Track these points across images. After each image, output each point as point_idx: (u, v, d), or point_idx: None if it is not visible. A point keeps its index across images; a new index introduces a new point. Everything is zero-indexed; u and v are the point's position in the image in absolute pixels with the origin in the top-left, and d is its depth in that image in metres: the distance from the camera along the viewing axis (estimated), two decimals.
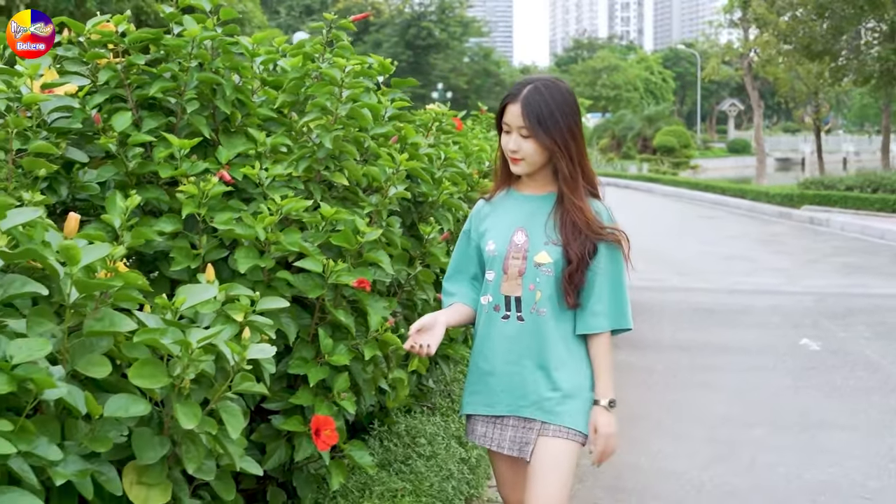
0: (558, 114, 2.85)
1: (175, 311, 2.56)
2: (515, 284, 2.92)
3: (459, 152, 4.64)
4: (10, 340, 2.14)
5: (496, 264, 2.96)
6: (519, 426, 2.95)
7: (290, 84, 3.68)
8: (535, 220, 2.96)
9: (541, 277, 2.90)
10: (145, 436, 2.44)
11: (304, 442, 3.14)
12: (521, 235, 2.95)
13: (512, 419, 2.96)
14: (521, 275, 2.92)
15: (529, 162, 2.90)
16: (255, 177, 3.30)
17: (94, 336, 2.41)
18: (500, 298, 2.96)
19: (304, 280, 3.20)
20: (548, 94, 2.86)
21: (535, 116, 2.83)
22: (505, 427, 2.98)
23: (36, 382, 2.09)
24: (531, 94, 2.85)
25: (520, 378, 2.93)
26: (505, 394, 2.96)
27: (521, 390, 2.93)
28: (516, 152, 2.89)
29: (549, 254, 2.90)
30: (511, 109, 2.88)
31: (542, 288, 2.90)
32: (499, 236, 2.98)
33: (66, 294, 2.34)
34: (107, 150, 3.30)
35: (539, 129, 2.83)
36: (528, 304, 2.92)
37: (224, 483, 2.71)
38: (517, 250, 2.94)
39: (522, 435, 2.94)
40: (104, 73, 3.46)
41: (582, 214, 2.88)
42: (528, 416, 2.92)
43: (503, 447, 2.98)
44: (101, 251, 2.42)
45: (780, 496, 5.01)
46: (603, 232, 2.90)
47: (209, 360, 2.46)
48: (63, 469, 2.19)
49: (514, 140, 2.88)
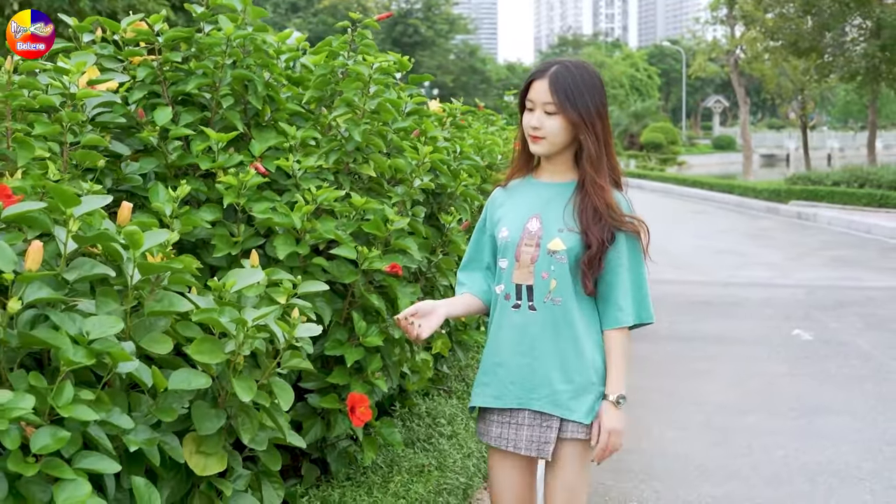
0: (586, 92, 2.76)
1: (226, 293, 2.73)
2: (527, 272, 2.82)
3: (473, 146, 4.82)
4: (84, 318, 2.31)
5: (509, 252, 2.86)
6: (535, 424, 2.82)
7: (318, 80, 3.85)
8: (552, 206, 2.85)
9: (555, 265, 2.78)
10: (203, 408, 2.61)
11: (339, 419, 3.31)
12: (536, 222, 2.84)
13: (526, 415, 2.83)
14: (533, 262, 2.81)
15: (551, 141, 2.79)
16: (289, 168, 3.47)
17: (153, 316, 2.58)
18: (511, 287, 2.85)
19: (337, 266, 3.37)
20: (576, 72, 2.77)
21: (562, 91, 2.73)
22: (520, 426, 2.84)
23: (112, 356, 2.26)
24: (560, 70, 2.77)
25: (530, 369, 2.82)
26: (514, 385, 2.84)
27: (532, 382, 2.82)
28: (538, 129, 2.78)
29: (563, 241, 2.78)
30: (537, 85, 2.79)
31: (557, 276, 2.79)
32: (512, 223, 2.88)
33: (128, 276, 2.51)
34: (147, 143, 3.45)
35: (567, 104, 2.73)
36: (541, 293, 2.80)
37: (271, 455, 2.88)
38: (530, 237, 2.83)
39: (540, 434, 2.82)
40: (142, 70, 3.61)
41: (603, 196, 2.78)
42: (541, 410, 2.81)
43: (520, 447, 2.84)
44: (160, 237, 2.59)
45: (780, 477, 5.20)
46: (623, 220, 2.79)
47: (263, 337, 2.63)
48: (134, 437, 2.36)
49: (536, 117, 2.78)
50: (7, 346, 2.18)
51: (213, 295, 2.73)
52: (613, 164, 2.88)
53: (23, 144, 2.74)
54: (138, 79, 3.61)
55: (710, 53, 38.62)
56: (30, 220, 2.34)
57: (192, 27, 3.85)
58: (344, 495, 3.37)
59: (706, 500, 4.86)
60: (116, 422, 2.28)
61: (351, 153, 3.69)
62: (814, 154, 35.79)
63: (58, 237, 2.36)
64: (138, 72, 3.62)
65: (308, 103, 3.91)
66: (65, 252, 2.36)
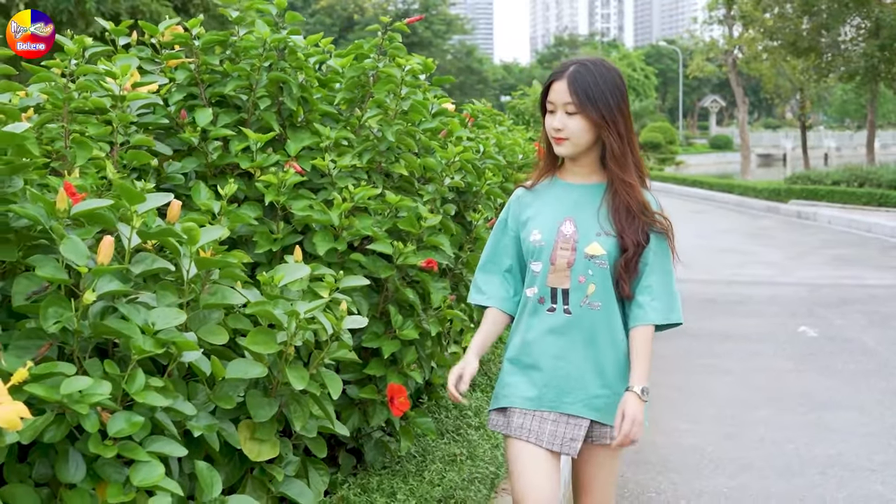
0: (606, 90, 2.73)
1: (274, 287, 2.85)
2: (563, 276, 2.79)
3: (495, 145, 4.94)
4: (148, 310, 2.42)
5: (543, 255, 2.82)
6: (561, 422, 2.81)
7: (349, 82, 3.96)
8: (585, 209, 2.83)
9: (594, 269, 2.77)
10: (257, 397, 2.73)
11: (377, 409, 3.43)
12: (570, 225, 2.81)
13: (553, 414, 2.82)
14: (569, 266, 2.78)
15: (574, 142, 2.77)
16: (325, 167, 3.58)
17: (208, 308, 2.70)
18: (545, 291, 2.82)
19: (373, 262, 3.49)
20: (595, 71, 2.74)
21: (582, 90, 2.71)
22: (545, 420, 2.81)
23: (177, 345, 2.38)
24: (578, 69, 2.74)
25: (565, 373, 2.80)
26: (548, 389, 2.81)
27: (567, 386, 2.80)
28: (561, 130, 2.75)
29: (601, 245, 2.77)
30: (556, 87, 2.76)
31: (596, 280, 2.77)
32: (545, 226, 2.84)
33: (185, 271, 2.63)
34: (189, 144, 3.57)
35: (587, 103, 2.70)
36: (577, 297, 2.79)
37: (318, 442, 3.00)
38: (566, 241, 2.79)
39: (566, 431, 2.80)
40: (181, 73, 3.73)
41: (634, 194, 2.78)
42: (575, 414, 2.80)
43: (542, 440, 2.79)
44: (215, 233, 2.71)
45: (793, 469, 5.32)
46: (654, 219, 2.80)
47: (315, 328, 2.75)
48: (196, 423, 2.48)
49: (558, 118, 2.75)
50: (80, 336, 2.30)
51: (263, 289, 2.85)
52: (638, 161, 2.85)
53: (81, 145, 2.86)
54: (177, 81, 3.73)
55: (708, 53, 38.75)
56: (97, 216, 2.45)
57: (227, 30, 3.96)
58: (381, 482, 3.49)
59: (722, 490, 4.98)
60: (181, 408, 2.40)
61: (384, 153, 3.80)
62: (811, 153, 35.95)
63: (122, 233, 2.47)
64: (177, 74, 3.74)
65: (339, 105, 4.02)
66: (129, 247, 2.47)
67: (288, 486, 2.83)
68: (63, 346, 2.33)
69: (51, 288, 2.35)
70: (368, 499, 3.33)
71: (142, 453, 2.19)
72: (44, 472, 2.22)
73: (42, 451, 2.23)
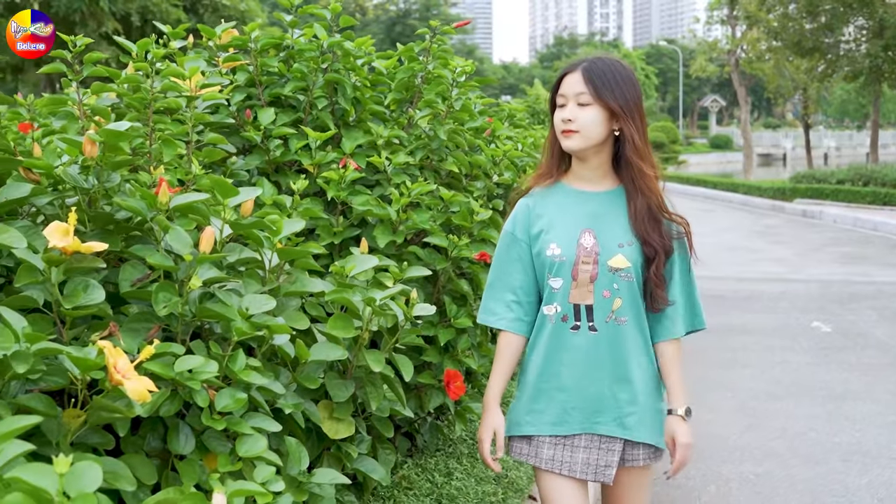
0: (622, 83, 2.63)
1: (346, 277, 3.03)
2: (586, 292, 2.65)
3: (532, 144, 5.12)
4: (239, 297, 2.61)
5: (564, 271, 2.67)
6: (593, 447, 2.69)
7: (399, 83, 4.14)
8: (604, 219, 2.69)
9: (619, 283, 2.64)
10: (336, 378, 2.91)
11: (433, 394, 3.61)
12: (589, 237, 2.67)
13: (583, 438, 2.70)
14: (592, 281, 2.64)
15: (585, 134, 2.62)
16: (381, 164, 3.76)
17: (288, 296, 2.88)
18: (568, 308, 2.67)
19: (430, 254, 3.67)
20: (610, 64, 2.65)
21: (598, 79, 2.60)
22: (576, 449, 2.70)
23: (270, 329, 2.56)
24: (593, 61, 2.66)
25: (595, 392, 2.67)
26: (577, 411, 2.68)
27: (598, 406, 2.67)
28: (571, 122, 2.62)
29: (626, 257, 2.64)
30: (569, 79, 2.66)
31: (623, 294, 2.64)
32: (563, 239, 2.68)
33: (268, 260, 2.81)
34: (251, 142, 3.75)
35: (604, 90, 2.59)
36: (602, 313, 2.64)
37: (385, 423, 3.18)
38: (587, 254, 2.65)
39: (599, 457, 2.68)
40: (241, 75, 3.91)
41: (654, 188, 2.69)
42: (606, 434, 2.68)
43: (575, 471, 2.69)
44: (295, 225, 2.89)
45: (815, 457, 5.50)
46: (673, 216, 2.71)
47: (391, 314, 2.93)
48: (284, 402, 2.66)
49: (570, 110, 2.63)
50: (184, 320, 2.47)
51: (335, 278, 3.03)
52: (653, 159, 2.74)
53: (167, 143, 3.04)
54: (238, 82, 3.90)
55: (711, 53, 38.96)
56: (193, 209, 2.63)
57: (282, 33, 4.14)
58: (438, 463, 3.68)
59: (749, 477, 5.16)
60: (272, 388, 2.58)
61: (435, 151, 3.98)
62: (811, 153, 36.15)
63: (214, 225, 2.65)
64: (237, 76, 3.92)
65: (389, 105, 4.20)
66: (221, 238, 2.65)
67: (361, 463, 3.01)
68: (166, 329, 2.51)
69: (152, 275, 2.53)
70: (429, 478, 3.51)
71: (246, 427, 2.36)
72: (155, 444, 2.40)
73: (152, 426, 2.41)
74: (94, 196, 2.60)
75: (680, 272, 2.73)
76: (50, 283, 2.21)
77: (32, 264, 2.16)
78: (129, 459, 2.30)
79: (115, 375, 1.98)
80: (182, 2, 23.61)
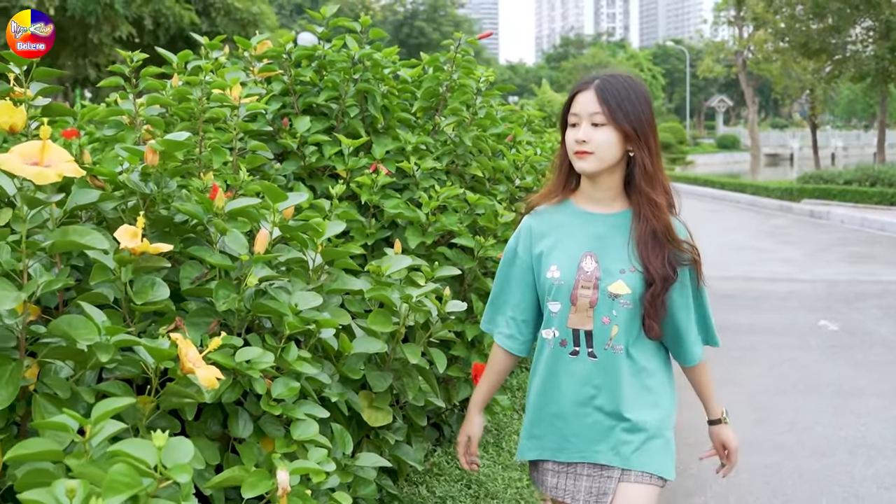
0: (637, 101, 2.54)
1: (381, 275, 3.24)
2: (585, 317, 2.57)
3: (550, 149, 5.35)
4: (288, 294, 2.82)
5: (562, 295, 2.59)
6: (595, 475, 2.62)
7: (425, 92, 4.36)
8: (608, 243, 2.60)
9: (618, 310, 2.55)
10: (374, 370, 3.12)
11: (461, 386, 3.82)
12: (591, 261, 2.58)
13: (586, 467, 2.63)
14: (592, 307, 2.56)
15: (599, 156, 2.53)
16: (410, 169, 3.98)
17: (331, 293, 3.09)
18: (567, 333, 2.60)
19: (457, 254, 3.88)
20: (624, 82, 2.56)
21: (612, 99, 2.51)
22: (579, 477, 2.64)
23: (319, 324, 2.77)
24: (607, 79, 2.56)
25: (593, 420, 2.60)
26: (577, 438, 2.62)
27: (596, 434, 2.61)
28: (586, 143, 2.52)
29: (626, 283, 2.55)
30: (582, 98, 2.56)
31: (620, 322, 2.56)
32: (563, 262, 2.61)
33: (311, 260, 3.02)
34: (286, 148, 3.97)
35: (618, 112, 2.50)
36: (601, 340, 2.57)
37: (419, 412, 3.39)
38: (587, 279, 2.57)
39: (600, 485, 2.62)
40: (277, 84, 4.13)
41: (661, 216, 2.57)
42: (605, 463, 2.61)
43: (578, 499, 2.63)
44: (337, 227, 3.11)
45: (822, 449, 5.71)
46: (680, 245, 2.59)
47: (425, 309, 3.14)
48: (330, 391, 2.87)
49: (583, 130, 2.53)
50: (241, 314, 2.69)
51: (372, 277, 3.25)
52: (666, 183, 2.64)
53: (216, 150, 3.26)
54: (274, 92, 4.12)
55: (718, 54, 39.12)
56: (246, 213, 2.84)
57: (314, 45, 4.36)
58: None
59: (758, 468, 5.37)
60: (319, 378, 2.79)
61: (460, 156, 4.20)
62: (818, 153, 36.30)
63: (264, 226, 2.87)
64: (273, 85, 4.14)
65: (415, 112, 4.42)
66: (270, 239, 2.86)
67: (398, 449, 3.24)
68: (223, 323, 2.72)
69: (209, 274, 2.75)
70: (457, 465, 3.73)
71: (300, 413, 2.58)
72: (215, 429, 2.62)
73: (212, 412, 2.63)
74: (152, 200, 2.80)
75: (692, 298, 2.65)
76: (120, 282, 2.42)
77: (105, 264, 2.37)
78: (196, 442, 2.52)
79: (187, 364, 2.20)
80: (194, 5, 23.86)
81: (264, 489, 2.14)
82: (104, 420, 1.79)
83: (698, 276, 2.64)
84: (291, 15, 77.21)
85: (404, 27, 77.06)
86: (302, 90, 4.23)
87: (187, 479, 1.70)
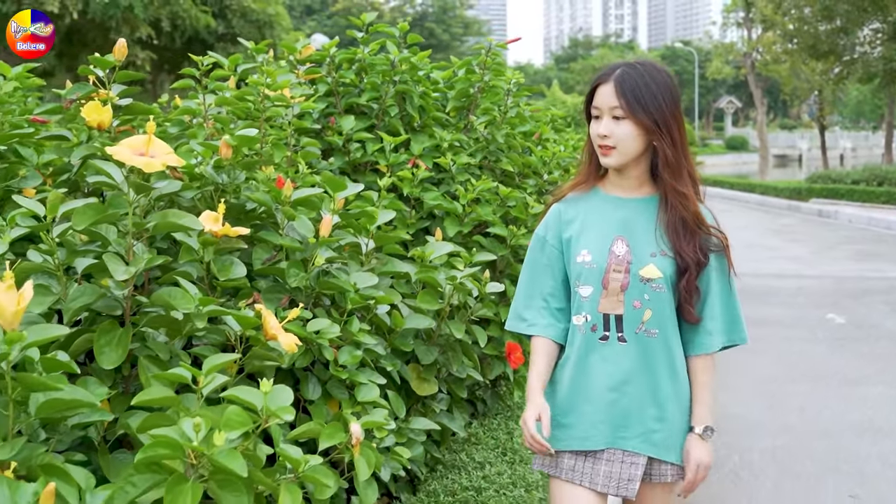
0: (658, 92, 2.50)
1: (426, 260, 3.56)
2: (616, 301, 2.54)
3: (572, 146, 5.67)
4: (347, 274, 3.14)
5: (594, 278, 2.56)
6: (616, 460, 2.56)
7: (458, 92, 4.69)
8: (637, 226, 2.59)
9: (650, 294, 2.53)
10: (422, 345, 3.44)
11: (495, 363, 4.15)
12: (622, 245, 2.56)
13: (606, 451, 2.57)
14: (623, 290, 2.53)
15: (622, 151, 2.52)
16: (446, 164, 4.30)
17: (382, 275, 3.41)
18: (597, 317, 2.56)
19: (491, 242, 4.20)
20: (644, 72, 2.51)
21: (630, 92, 2.47)
22: (598, 461, 2.57)
23: (378, 300, 3.10)
24: (626, 71, 2.51)
25: (622, 407, 2.55)
26: (604, 425, 2.56)
27: (624, 420, 2.55)
28: (607, 138, 2.50)
29: (658, 267, 2.53)
30: (602, 90, 2.53)
31: (653, 305, 2.53)
32: (594, 245, 2.58)
33: (364, 245, 3.35)
34: (331, 144, 4.30)
35: (636, 106, 2.47)
36: (632, 324, 2.54)
37: (460, 385, 3.72)
38: (618, 263, 2.54)
39: (622, 470, 2.55)
40: (322, 86, 4.46)
41: (688, 204, 2.54)
42: (632, 450, 2.55)
43: (596, 483, 2.56)
44: (388, 216, 3.43)
45: (830, 432, 6.02)
46: (710, 231, 2.59)
47: (467, 290, 3.47)
48: (386, 361, 3.20)
49: (605, 125, 2.50)
50: (308, 291, 3.01)
51: (417, 261, 3.57)
52: (692, 171, 2.59)
53: (276, 146, 3.58)
54: (319, 93, 4.45)
55: (727, 56, 39.40)
56: (309, 202, 3.17)
57: (354, 49, 4.69)
58: (500, 424, 4.22)
59: (769, 448, 5.68)
60: (376, 349, 3.12)
61: (492, 152, 4.53)
62: (827, 154, 36.54)
63: (326, 214, 3.19)
64: (319, 87, 4.46)
65: (449, 112, 4.75)
66: (331, 225, 3.18)
67: (442, 417, 3.56)
68: (292, 300, 3.04)
69: (277, 256, 3.07)
70: (493, 435, 4.05)
71: (363, 377, 2.90)
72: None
73: (283, 377, 2.95)
74: (223, 191, 3.12)
75: (720, 285, 2.61)
76: (203, 261, 2.75)
77: (190, 245, 2.70)
78: None
79: (270, 331, 2.53)
80: (211, 7, 24.23)
81: (339, 440, 2.46)
82: (214, 372, 2.12)
83: (729, 264, 2.64)
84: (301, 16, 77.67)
85: (414, 28, 77.33)
86: (344, 91, 4.55)
87: (290, 418, 2.03)
